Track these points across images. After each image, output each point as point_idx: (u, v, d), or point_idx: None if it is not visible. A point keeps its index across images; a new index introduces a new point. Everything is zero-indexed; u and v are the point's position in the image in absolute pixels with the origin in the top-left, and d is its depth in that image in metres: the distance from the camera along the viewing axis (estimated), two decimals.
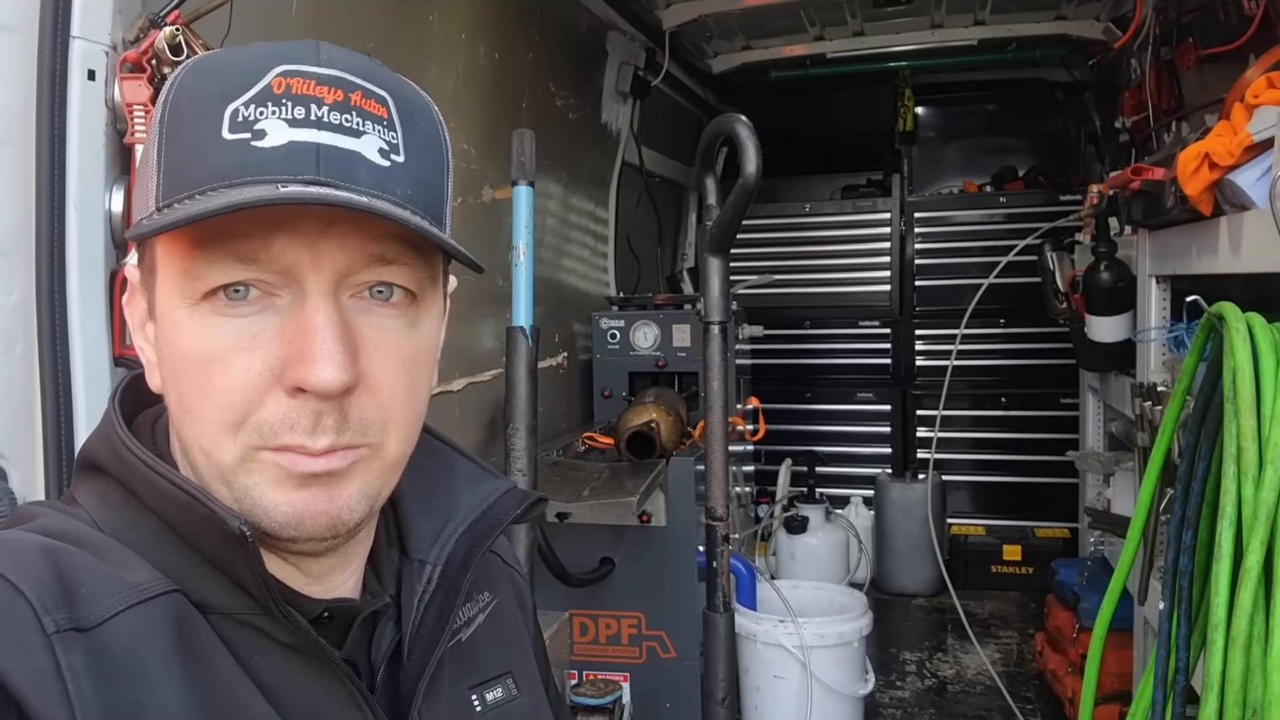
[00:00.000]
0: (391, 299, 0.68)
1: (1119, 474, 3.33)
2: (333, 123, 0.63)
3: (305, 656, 0.68)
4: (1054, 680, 3.53)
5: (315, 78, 0.64)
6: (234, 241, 0.62)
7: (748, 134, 1.75)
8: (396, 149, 0.66)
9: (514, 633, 0.91)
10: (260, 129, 0.62)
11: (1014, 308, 4.82)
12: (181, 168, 0.63)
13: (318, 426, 0.64)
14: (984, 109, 5.72)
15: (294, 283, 0.64)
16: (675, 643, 3.03)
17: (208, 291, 0.63)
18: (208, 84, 0.64)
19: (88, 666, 0.58)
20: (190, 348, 0.65)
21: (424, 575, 0.78)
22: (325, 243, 0.64)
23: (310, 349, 0.63)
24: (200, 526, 0.65)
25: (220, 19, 1.66)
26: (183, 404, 0.67)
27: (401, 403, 0.69)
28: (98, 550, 0.65)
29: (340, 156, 0.63)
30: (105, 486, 0.70)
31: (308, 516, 0.66)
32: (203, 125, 0.63)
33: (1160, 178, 2.24)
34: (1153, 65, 3.29)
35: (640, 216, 4.59)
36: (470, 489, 0.84)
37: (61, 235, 1.41)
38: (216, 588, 0.67)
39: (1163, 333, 2.51)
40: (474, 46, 2.86)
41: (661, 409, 3.19)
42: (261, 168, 0.61)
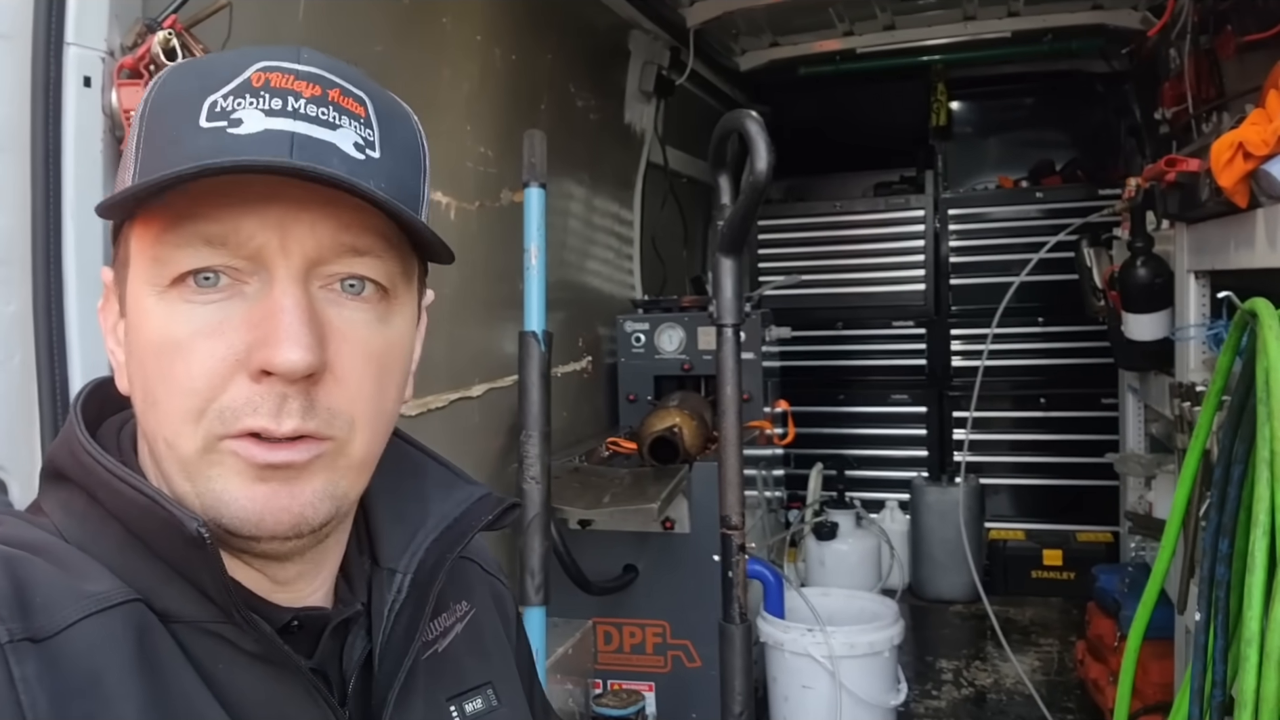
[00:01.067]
0: (363, 293, 0.67)
1: (1160, 477, 3.23)
2: (309, 114, 0.63)
3: (272, 666, 0.67)
4: (1095, 690, 3.43)
5: (294, 73, 0.64)
6: (202, 224, 0.62)
7: (758, 129, 1.69)
8: (372, 145, 0.66)
9: (495, 642, 0.89)
10: (237, 118, 0.62)
11: (1053, 306, 4.71)
12: (157, 155, 0.63)
13: (282, 409, 0.63)
14: (1020, 102, 5.60)
15: (263, 269, 0.64)
16: (701, 652, 2.98)
17: (176, 278, 0.63)
18: (189, 81, 0.65)
19: (41, 677, 0.57)
20: (156, 335, 0.64)
21: (395, 584, 0.78)
22: (295, 226, 0.63)
23: (276, 331, 0.62)
24: (161, 531, 0.64)
25: (221, 24, 1.64)
26: (148, 395, 0.66)
27: (369, 398, 0.68)
28: (57, 559, 0.63)
29: (315, 145, 0.63)
30: (69, 495, 0.69)
31: (268, 513, 0.64)
32: (180, 116, 0.63)
33: (1195, 169, 2.16)
34: (1192, 54, 3.19)
35: (666, 218, 4.55)
36: (442, 495, 0.82)
37: (58, 244, 1.40)
38: (180, 596, 0.65)
39: (1202, 330, 2.41)
40: (489, 49, 2.83)
41: (685, 413, 3.15)
42: (234, 151, 0.61)
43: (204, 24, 1.60)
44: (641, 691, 2.91)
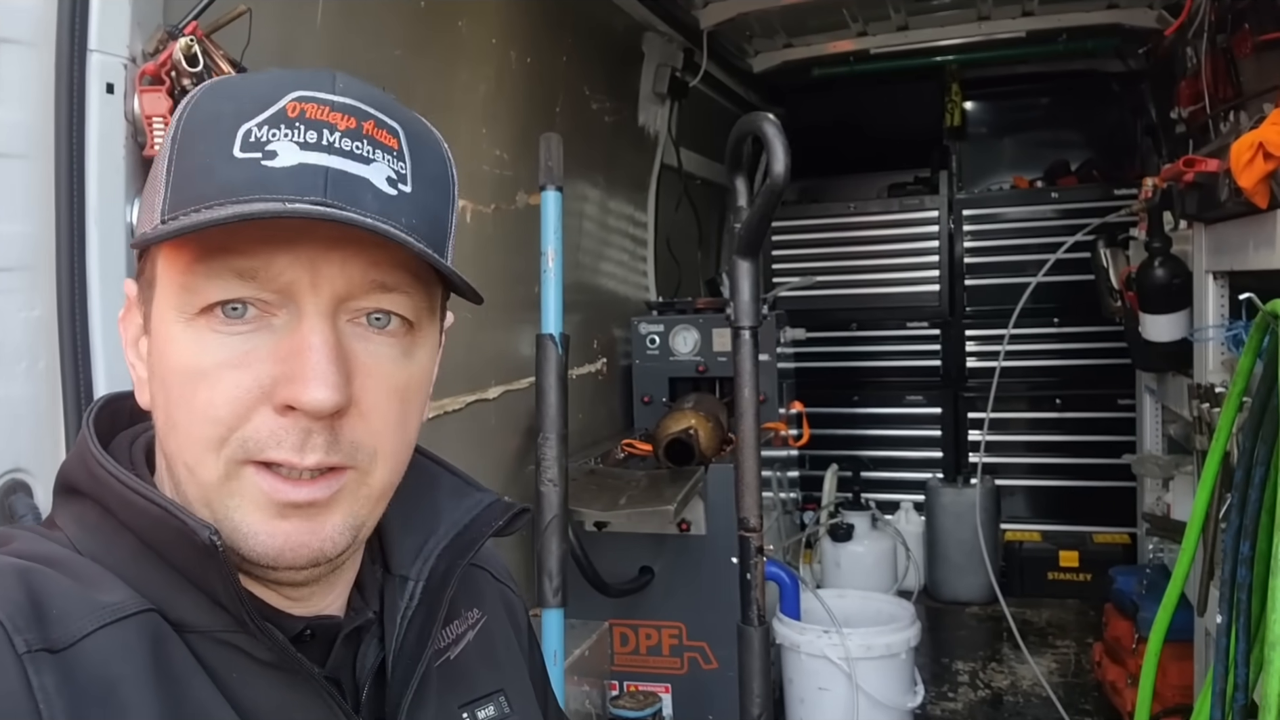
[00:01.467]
0: (388, 327, 0.68)
1: (1178, 478, 3.22)
2: (343, 149, 0.63)
3: (286, 674, 0.67)
4: (1113, 692, 3.42)
5: (330, 104, 0.64)
6: (235, 258, 0.63)
7: (775, 132, 1.69)
8: (405, 179, 0.66)
9: (506, 650, 0.90)
10: (271, 149, 0.62)
11: (1068, 306, 4.69)
12: (189, 182, 0.63)
13: (306, 444, 0.64)
14: (1035, 102, 5.57)
15: (291, 303, 0.64)
16: (718, 654, 2.98)
17: (204, 307, 0.63)
18: (222, 104, 0.65)
19: (59, 687, 0.57)
20: (181, 362, 0.64)
21: (406, 591, 0.78)
22: (326, 265, 0.64)
23: (304, 368, 0.62)
24: (173, 541, 0.64)
25: (240, 30, 1.65)
26: (169, 419, 0.66)
27: (392, 431, 0.69)
28: (72, 571, 0.64)
29: (348, 181, 0.63)
30: (82, 508, 0.69)
31: (289, 549, 0.65)
32: (214, 142, 0.63)
33: (1214, 169, 2.15)
34: (1208, 53, 3.17)
35: (680, 219, 4.55)
36: (453, 503, 0.83)
37: (82, 249, 1.41)
38: (193, 605, 0.66)
39: (1220, 331, 2.40)
40: (505, 52, 2.84)
41: (701, 415, 3.15)
42: (270, 187, 0.61)
43: (224, 30, 1.61)
44: (658, 693, 2.91)
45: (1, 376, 1.31)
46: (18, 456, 1.33)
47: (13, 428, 1.32)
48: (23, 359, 1.35)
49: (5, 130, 1.32)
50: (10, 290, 1.33)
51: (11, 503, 1.32)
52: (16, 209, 1.33)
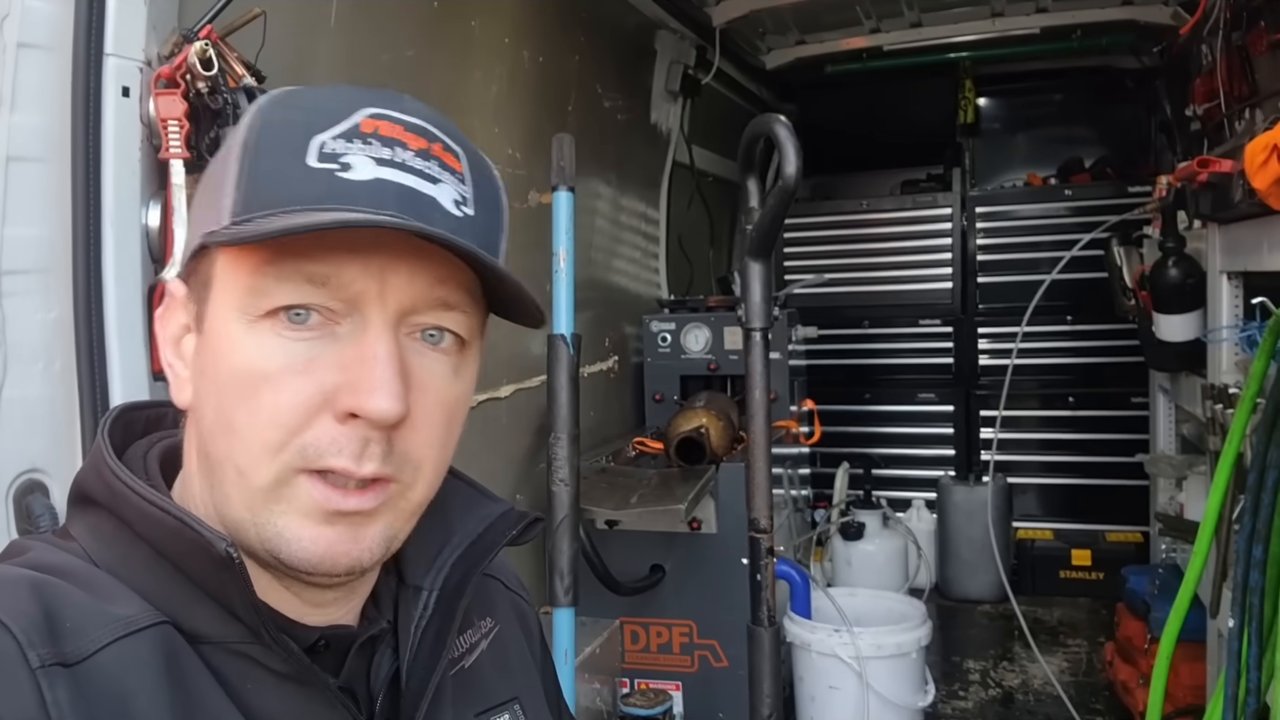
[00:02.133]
0: (442, 344, 0.68)
1: (1192, 478, 3.20)
2: (415, 167, 0.65)
3: (300, 685, 0.68)
4: (1124, 692, 3.41)
5: (403, 124, 0.66)
6: (307, 263, 0.63)
7: (787, 134, 1.69)
8: (467, 202, 0.67)
9: (519, 658, 0.90)
10: (346, 162, 0.63)
11: (1081, 304, 4.66)
12: (263, 187, 0.64)
13: (364, 453, 0.64)
14: (1048, 99, 5.53)
15: (357, 313, 0.65)
16: (728, 652, 2.99)
17: (270, 310, 0.64)
18: (293, 114, 0.66)
19: (73, 701, 0.57)
20: (243, 364, 0.65)
21: (420, 601, 0.78)
22: (394, 277, 0.65)
23: (369, 378, 0.63)
24: (189, 552, 0.64)
25: (255, 32, 1.66)
26: (222, 420, 0.66)
27: (437, 448, 0.70)
28: (86, 583, 0.64)
29: (420, 199, 0.64)
30: (97, 519, 0.69)
31: (329, 556, 0.66)
32: (287, 151, 0.64)
33: (1228, 170, 2.14)
34: (1224, 51, 3.14)
35: (692, 217, 4.55)
36: (466, 512, 0.83)
37: (98, 251, 1.42)
38: (208, 617, 0.66)
39: (1234, 332, 2.39)
40: (518, 51, 2.85)
41: (712, 414, 3.15)
42: (346, 197, 0.62)
43: (238, 33, 1.62)
44: (669, 691, 2.92)
45: (19, 378, 1.32)
46: (34, 457, 1.34)
47: (30, 428, 1.34)
48: (39, 360, 1.36)
49: (22, 134, 1.33)
50: (27, 292, 1.34)
51: (29, 503, 1.33)
52: (33, 212, 1.34)
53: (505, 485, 2.83)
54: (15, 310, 1.32)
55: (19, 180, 1.32)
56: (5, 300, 1.31)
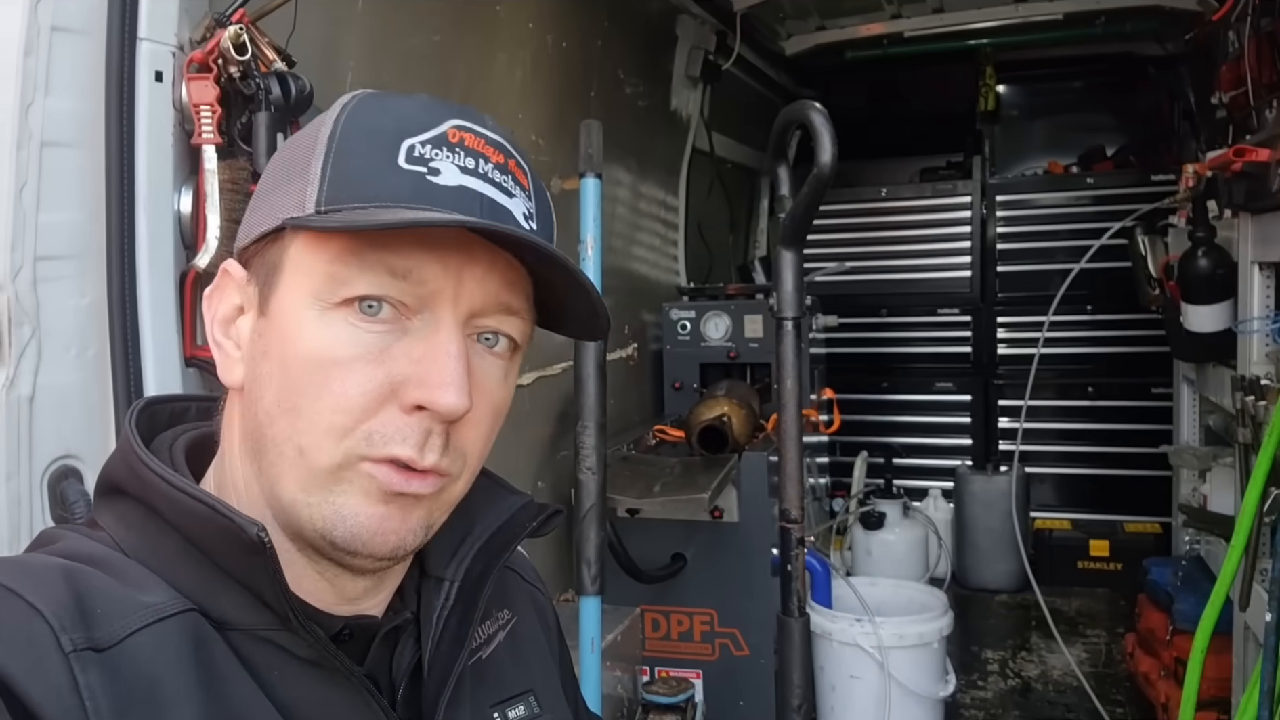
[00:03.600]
0: (496, 347, 0.71)
1: (1216, 469, 3.17)
2: (494, 180, 0.68)
3: (326, 672, 0.69)
4: (1146, 684, 3.39)
5: (485, 138, 0.69)
6: (390, 256, 0.65)
7: (823, 121, 1.67)
8: (533, 217, 0.71)
9: (535, 651, 0.91)
10: (435, 167, 0.67)
11: (1102, 294, 4.64)
12: (352, 182, 0.66)
13: (426, 444, 0.66)
14: (1070, 86, 5.49)
15: (429, 310, 0.67)
16: (749, 640, 2.99)
17: (346, 299, 0.66)
18: (384, 118, 0.69)
19: (104, 686, 0.59)
20: (314, 349, 0.66)
21: (442, 592, 0.79)
22: (469, 280, 0.67)
23: (439, 373, 0.65)
24: (219, 538, 0.65)
25: (285, 17, 1.65)
26: (287, 401, 0.67)
27: (482, 446, 0.72)
28: (115, 571, 0.65)
29: (499, 210, 0.68)
30: (126, 508, 0.70)
31: (379, 534, 0.67)
32: (378, 150, 0.67)
33: (1265, 159, 2.11)
34: (1252, 37, 3.11)
35: (712, 204, 4.53)
36: (487, 505, 0.84)
37: (131, 237, 1.42)
38: (236, 603, 0.67)
39: (1266, 323, 2.37)
40: (542, 36, 2.83)
41: (733, 402, 3.14)
42: (434, 199, 0.65)
43: (269, 17, 1.61)
44: (690, 679, 2.91)
45: (53, 363, 1.31)
46: (68, 443, 1.34)
47: (63, 414, 1.33)
48: (73, 346, 1.35)
49: (57, 119, 1.32)
50: (61, 278, 1.33)
51: (63, 489, 1.33)
52: (67, 197, 1.34)
53: (526, 473, 2.82)
54: (49, 296, 1.31)
55: (53, 165, 1.32)
56: (40, 286, 1.30)
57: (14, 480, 1.26)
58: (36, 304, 1.30)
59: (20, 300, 1.28)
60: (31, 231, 1.30)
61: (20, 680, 0.57)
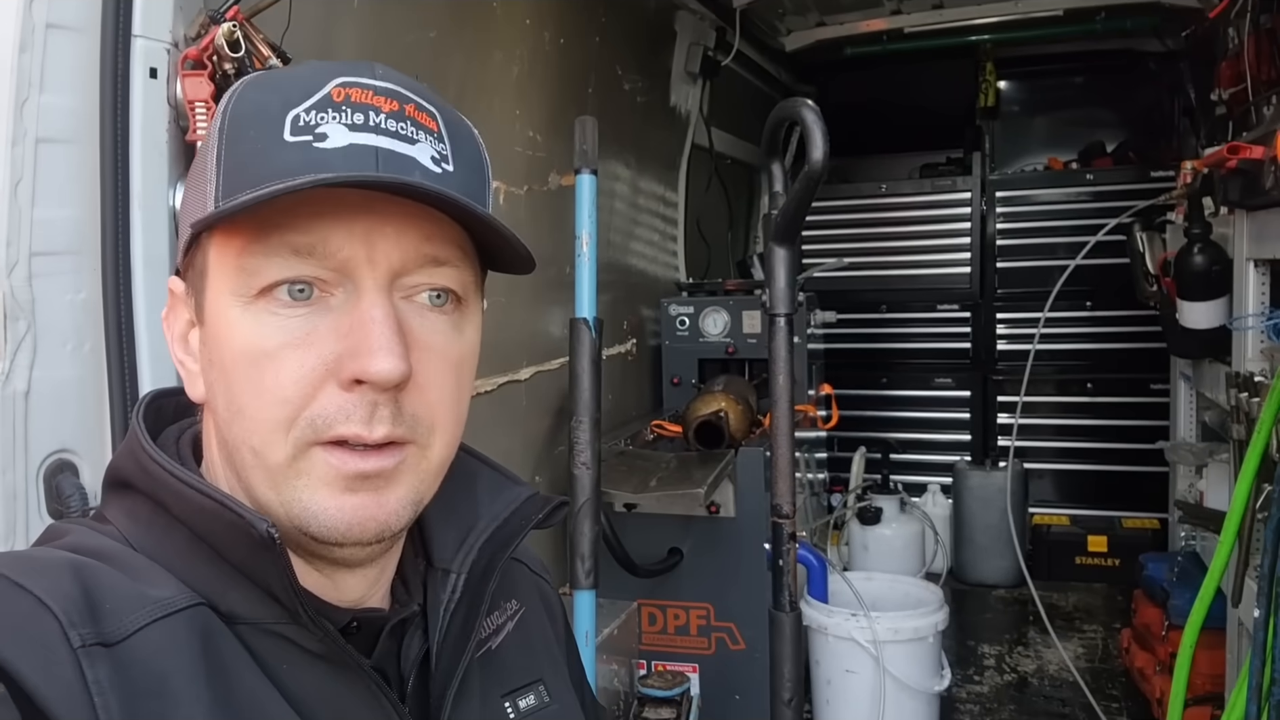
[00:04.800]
0: (440, 303, 0.69)
1: (1212, 465, 3.18)
2: (390, 129, 0.65)
3: (334, 666, 0.69)
4: (1141, 679, 3.41)
5: (373, 89, 0.66)
6: (291, 234, 0.64)
7: (815, 119, 1.68)
8: (447, 159, 0.68)
9: (543, 640, 0.91)
10: (322, 132, 0.64)
11: (1101, 290, 4.64)
12: (243, 168, 0.64)
13: (374, 416, 0.65)
14: (1070, 82, 5.48)
15: (348, 280, 0.65)
16: (745, 634, 3.00)
17: (263, 288, 0.64)
18: (268, 94, 0.66)
19: (113, 681, 0.59)
20: (244, 345, 0.65)
21: (449, 584, 0.79)
22: (381, 240, 0.65)
23: (368, 341, 0.64)
24: (228, 534, 0.65)
25: (280, 13, 1.65)
26: (232, 404, 0.67)
27: (449, 406, 0.70)
28: (123, 565, 0.65)
29: (398, 160, 0.65)
30: (134, 502, 0.70)
31: (357, 522, 0.66)
32: (264, 130, 0.65)
33: (1259, 156, 2.11)
34: (1251, 34, 3.11)
35: (711, 200, 4.53)
36: (492, 496, 0.84)
37: (126, 233, 1.43)
38: (245, 597, 0.67)
39: (1261, 320, 2.37)
40: (539, 32, 2.83)
41: (730, 398, 3.15)
42: (324, 166, 0.62)
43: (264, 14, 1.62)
44: (686, 673, 2.93)
45: (48, 359, 1.32)
46: (64, 437, 1.35)
47: (59, 409, 1.34)
48: (69, 341, 1.36)
49: (52, 115, 1.32)
50: (56, 274, 1.34)
51: (59, 483, 1.34)
52: (63, 194, 1.34)
53: (524, 467, 2.84)
54: (45, 291, 1.32)
55: (49, 162, 1.32)
56: (36, 281, 1.31)
57: (9, 474, 1.27)
58: (32, 299, 1.31)
59: (16, 295, 1.29)
60: (27, 227, 1.31)
61: (29, 676, 0.57)
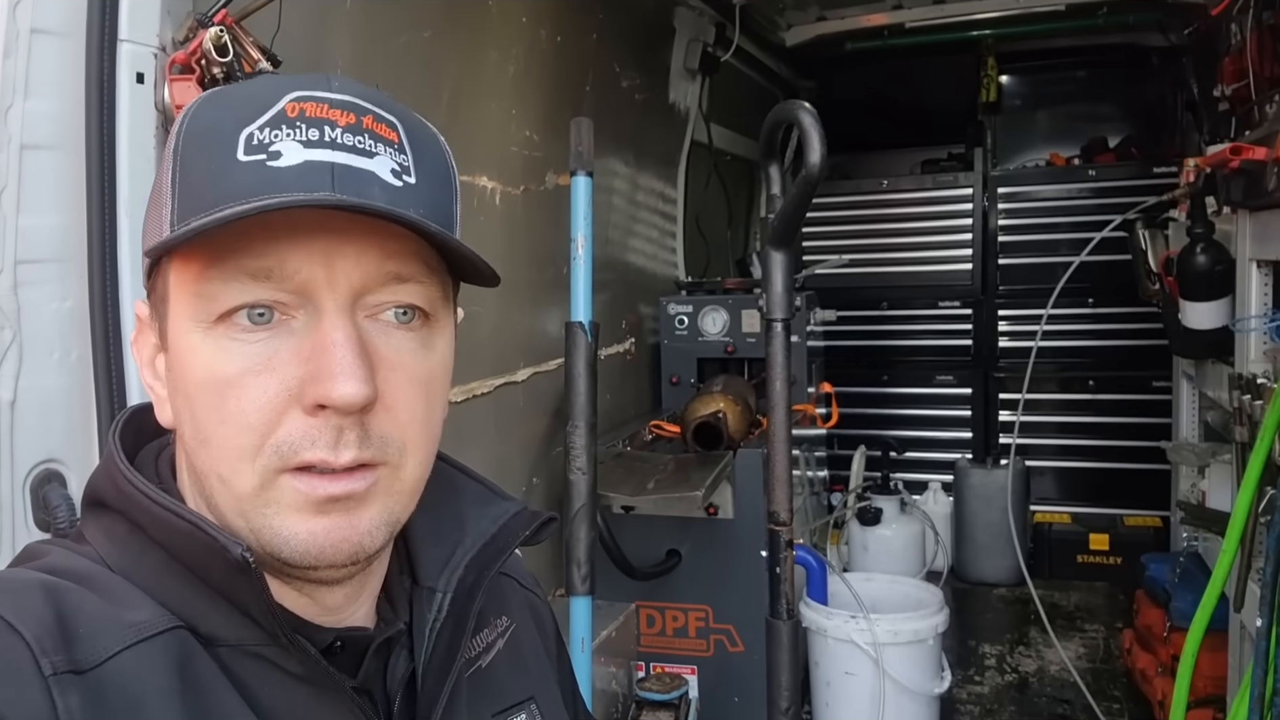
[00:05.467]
0: (406, 320, 0.67)
1: (1215, 466, 3.16)
2: (346, 144, 0.63)
3: (317, 687, 0.67)
4: (1143, 680, 3.39)
5: (328, 102, 0.64)
6: (247, 259, 0.62)
7: (812, 122, 1.66)
8: (408, 170, 0.66)
9: (534, 657, 0.89)
10: (275, 150, 0.62)
11: (1103, 287, 4.61)
12: (196, 191, 0.63)
13: (340, 441, 0.63)
14: (1072, 77, 5.45)
15: (309, 302, 0.64)
16: (744, 637, 2.99)
17: (222, 314, 0.63)
18: (221, 112, 0.65)
19: (85, 709, 0.57)
20: (205, 373, 0.64)
21: (435, 603, 0.77)
22: (341, 260, 0.63)
23: (329, 365, 0.62)
24: (204, 556, 0.64)
25: (270, 16, 1.63)
26: (198, 433, 0.65)
27: (420, 424, 0.68)
28: (100, 588, 0.64)
29: (355, 175, 0.63)
30: (110, 522, 0.69)
31: (329, 545, 0.65)
32: (217, 150, 0.63)
33: (1262, 157, 2.09)
34: (1254, 29, 3.08)
35: (710, 197, 4.51)
36: (478, 513, 0.82)
37: (113, 240, 1.41)
38: (224, 620, 0.66)
39: (1264, 321, 2.35)
40: (535, 30, 2.81)
41: (729, 398, 3.13)
42: (277, 186, 0.61)
43: (253, 16, 1.59)
44: (684, 675, 2.91)
45: (35, 367, 1.31)
46: (51, 447, 1.34)
47: (46, 418, 1.33)
48: (55, 350, 1.35)
49: (37, 121, 1.31)
50: (42, 281, 1.33)
51: (46, 493, 1.33)
52: (48, 201, 1.33)
53: (520, 470, 2.82)
54: (31, 299, 1.31)
55: (34, 168, 1.31)
56: (21, 289, 1.30)
57: None
58: (17, 308, 1.30)
59: (1, 304, 1.28)
60: (12, 235, 1.29)
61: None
